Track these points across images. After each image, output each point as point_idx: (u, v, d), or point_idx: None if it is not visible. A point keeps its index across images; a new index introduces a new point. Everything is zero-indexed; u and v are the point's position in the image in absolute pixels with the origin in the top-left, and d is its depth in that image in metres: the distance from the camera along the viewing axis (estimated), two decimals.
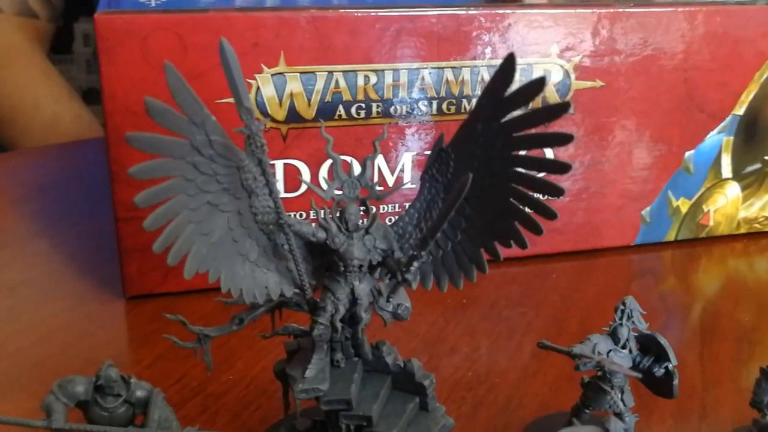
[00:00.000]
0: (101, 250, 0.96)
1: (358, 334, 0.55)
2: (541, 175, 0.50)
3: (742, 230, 1.03)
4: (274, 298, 0.53)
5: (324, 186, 0.71)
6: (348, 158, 0.83)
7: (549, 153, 0.91)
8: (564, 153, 0.91)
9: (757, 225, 1.04)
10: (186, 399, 0.69)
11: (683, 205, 0.99)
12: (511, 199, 0.50)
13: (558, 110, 0.44)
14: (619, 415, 0.59)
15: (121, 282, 0.85)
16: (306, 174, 0.83)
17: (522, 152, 0.49)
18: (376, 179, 0.55)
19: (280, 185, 0.83)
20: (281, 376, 0.59)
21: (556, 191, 0.47)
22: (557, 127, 0.90)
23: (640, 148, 0.94)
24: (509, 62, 0.45)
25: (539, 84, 0.43)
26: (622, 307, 0.58)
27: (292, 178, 0.83)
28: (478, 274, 0.54)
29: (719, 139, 0.97)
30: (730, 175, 0.99)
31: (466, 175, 0.46)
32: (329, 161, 0.56)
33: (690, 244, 1.02)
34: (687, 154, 0.96)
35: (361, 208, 0.53)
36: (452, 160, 0.52)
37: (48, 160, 1.41)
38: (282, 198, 0.50)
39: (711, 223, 1.01)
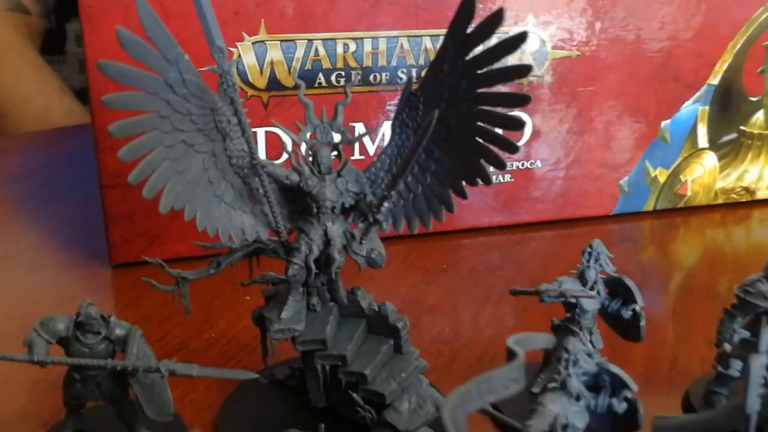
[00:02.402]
0: (88, 224, 0.97)
1: (332, 277, 0.56)
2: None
3: (720, 200, 1.05)
4: (249, 240, 0.55)
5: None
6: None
7: (528, 124, 0.92)
8: (542, 122, 0.93)
9: (734, 195, 1.05)
10: (168, 355, 0.70)
11: (661, 175, 1.01)
12: (477, 137, 0.52)
13: (515, 41, 0.45)
14: (590, 356, 0.61)
15: (107, 251, 0.87)
16: (288, 142, 0.85)
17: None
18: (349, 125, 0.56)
19: (261, 153, 0.84)
20: (259, 321, 0.60)
21: (518, 124, 0.49)
22: (535, 97, 0.92)
23: (616, 118, 0.96)
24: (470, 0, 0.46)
25: (498, 17, 0.45)
26: (589, 250, 0.60)
27: (274, 145, 0.85)
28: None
29: (695, 108, 0.98)
30: (706, 145, 1.01)
31: (434, 116, 0.48)
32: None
33: (668, 213, 1.04)
34: (663, 123, 0.98)
35: (333, 152, 0.55)
36: (421, 103, 0.54)
37: (38, 144, 1.42)
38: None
39: (689, 193, 1.03)
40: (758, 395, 0.43)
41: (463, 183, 0.54)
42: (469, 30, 0.48)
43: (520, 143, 0.93)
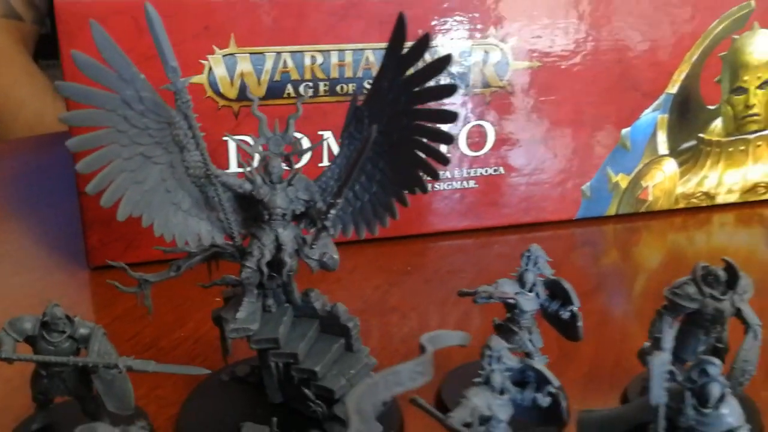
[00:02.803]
0: (69, 229, 1.01)
1: (284, 278, 0.60)
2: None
3: (681, 205, 1.09)
4: (206, 245, 0.59)
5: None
6: (298, 135, 0.88)
7: (491, 132, 0.96)
8: (504, 131, 0.97)
9: (694, 200, 1.09)
10: (138, 353, 0.74)
11: (622, 180, 1.04)
12: (415, 150, 0.55)
13: (442, 62, 0.49)
14: (528, 355, 0.65)
15: (85, 254, 0.90)
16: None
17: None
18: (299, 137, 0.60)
19: (233, 160, 0.88)
20: (218, 321, 0.64)
21: (448, 139, 0.52)
22: (496, 106, 0.95)
23: (578, 126, 1.00)
24: (400, 23, 0.50)
25: (425, 41, 0.49)
26: (528, 254, 0.64)
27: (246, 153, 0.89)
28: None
29: (654, 116, 1.02)
30: (666, 152, 1.05)
31: (372, 131, 0.52)
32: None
33: (630, 218, 1.08)
34: (624, 131, 1.02)
35: (285, 163, 0.59)
36: (366, 117, 0.58)
37: (29, 149, 1.46)
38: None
39: (650, 198, 1.07)
40: (662, 388, 0.47)
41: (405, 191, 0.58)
42: (403, 51, 0.52)
43: (484, 151, 0.97)
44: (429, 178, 0.55)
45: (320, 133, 0.90)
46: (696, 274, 0.63)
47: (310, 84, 0.88)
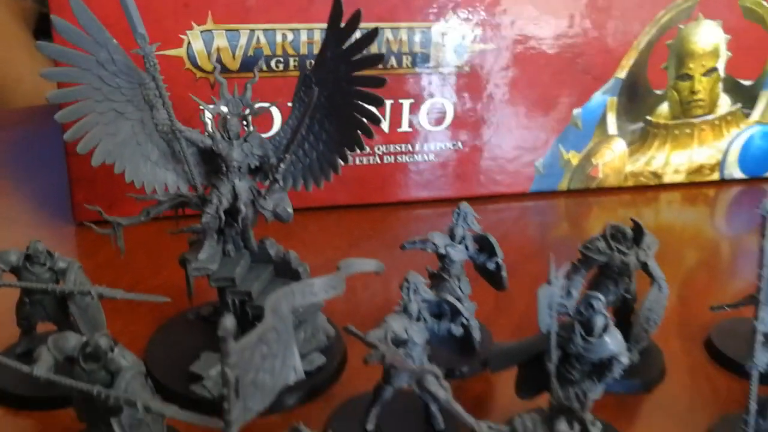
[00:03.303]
0: (58, 190, 1.09)
1: (239, 225, 0.68)
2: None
3: (630, 183, 1.17)
4: (171, 192, 0.67)
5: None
6: (266, 104, 0.96)
7: (449, 109, 1.04)
8: (463, 108, 1.05)
9: (642, 179, 1.17)
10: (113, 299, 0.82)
11: (573, 158, 1.12)
12: (354, 113, 0.64)
13: (371, 35, 0.57)
14: (459, 300, 0.73)
15: (71, 210, 0.99)
16: None
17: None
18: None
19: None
20: (183, 263, 0.72)
21: (380, 101, 0.61)
22: (455, 85, 1.03)
23: (531, 105, 1.07)
24: (337, 2, 0.58)
25: (356, 16, 0.57)
26: (457, 211, 0.72)
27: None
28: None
29: (604, 99, 1.10)
30: (615, 132, 1.13)
31: (315, 92, 0.60)
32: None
33: (582, 193, 1.16)
34: (575, 111, 1.10)
35: (243, 122, 0.67)
36: (314, 83, 0.66)
37: (20, 120, 1.54)
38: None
39: (600, 175, 1.15)
40: (548, 316, 0.55)
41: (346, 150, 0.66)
42: (342, 25, 0.60)
43: (443, 127, 1.05)
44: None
45: (290, 104, 0.97)
46: (606, 231, 0.71)
47: (281, 59, 0.96)
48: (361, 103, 0.62)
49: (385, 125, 1.02)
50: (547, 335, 0.56)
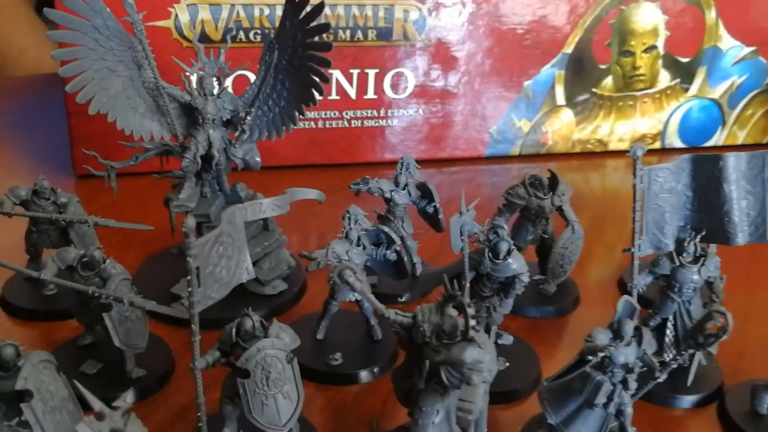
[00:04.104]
0: (60, 148, 1.21)
1: (213, 169, 0.80)
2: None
3: (577, 150, 1.29)
4: (156, 140, 0.79)
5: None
6: (247, 72, 1.08)
7: (411, 78, 1.16)
8: (422, 78, 1.17)
9: (589, 146, 1.29)
10: (109, 237, 0.95)
11: (525, 125, 1.24)
12: (309, 73, 0.76)
13: (319, 7, 0.69)
14: (402, 239, 0.85)
15: (72, 164, 1.11)
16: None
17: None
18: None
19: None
20: (166, 202, 0.84)
21: (325, 62, 0.73)
22: (415, 57, 1.15)
23: (485, 77, 1.19)
24: None
25: None
26: (401, 162, 0.84)
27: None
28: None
29: (552, 72, 1.22)
30: (564, 103, 1.24)
31: (274, 55, 0.72)
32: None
33: (533, 158, 1.28)
34: (526, 83, 1.21)
35: (216, 81, 0.79)
36: (276, 49, 0.77)
37: (24, 87, 1.66)
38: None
39: (550, 142, 1.27)
40: (458, 240, 0.67)
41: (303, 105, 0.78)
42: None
43: (405, 95, 1.17)
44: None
45: None
46: (525, 180, 0.83)
47: (258, 31, 1.08)
48: (312, 64, 0.75)
49: (352, 92, 1.14)
50: (463, 258, 0.69)
